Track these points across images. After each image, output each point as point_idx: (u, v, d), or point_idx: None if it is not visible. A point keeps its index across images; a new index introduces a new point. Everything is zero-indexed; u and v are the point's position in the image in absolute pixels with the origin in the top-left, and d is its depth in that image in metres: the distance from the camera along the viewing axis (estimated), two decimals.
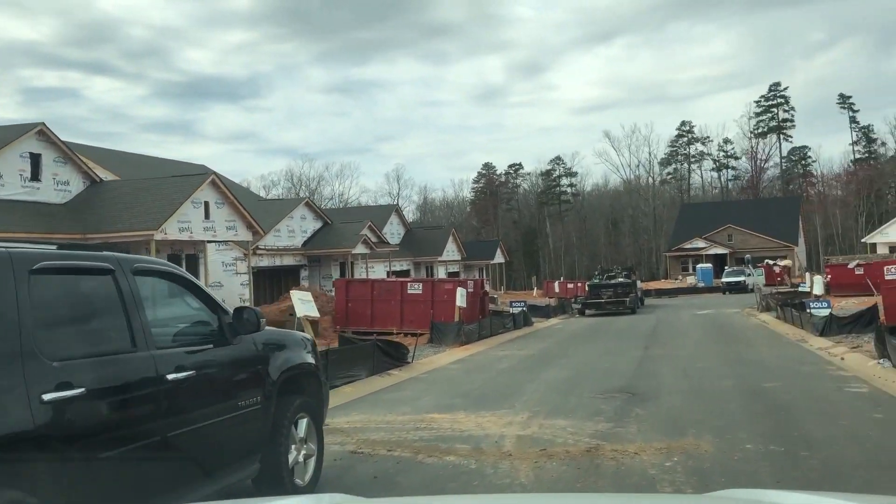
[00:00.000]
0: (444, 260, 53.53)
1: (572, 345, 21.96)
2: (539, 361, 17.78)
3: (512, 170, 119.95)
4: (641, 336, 23.87)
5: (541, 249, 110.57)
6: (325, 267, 41.77)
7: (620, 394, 12.22)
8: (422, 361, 18.45)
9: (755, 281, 58.15)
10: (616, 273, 42.26)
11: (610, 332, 26.62)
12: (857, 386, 12.45)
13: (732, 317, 32.67)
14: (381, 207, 60.23)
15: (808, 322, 22.26)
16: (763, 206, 78.95)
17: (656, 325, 28.39)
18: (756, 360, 16.40)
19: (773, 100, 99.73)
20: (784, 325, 25.32)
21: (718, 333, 24.09)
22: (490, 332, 25.02)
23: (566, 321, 35.09)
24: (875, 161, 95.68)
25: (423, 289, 26.00)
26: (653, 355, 17.84)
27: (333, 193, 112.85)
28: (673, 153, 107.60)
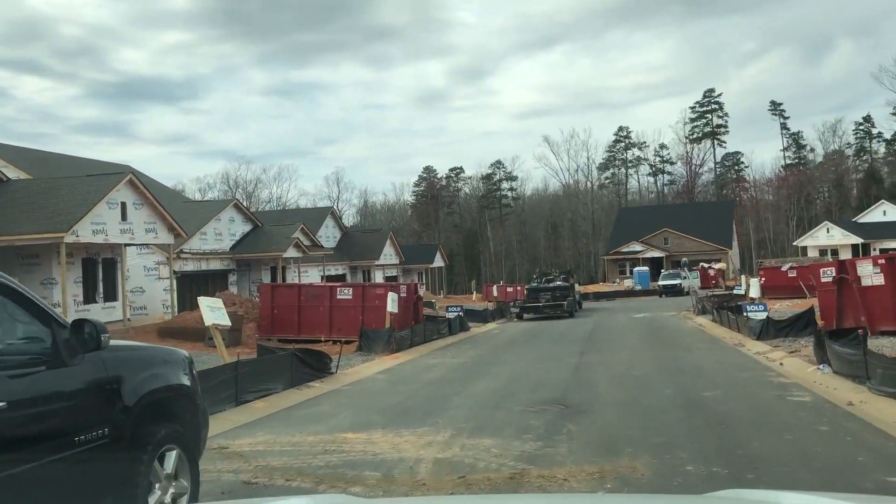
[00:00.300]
0: (382, 264, 52.27)
1: (507, 351, 21.08)
2: (470, 370, 16.80)
3: (453, 174, 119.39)
4: (578, 341, 23.15)
5: (482, 253, 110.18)
6: (255, 271, 40.10)
7: (553, 406, 11.30)
8: (347, 372, 17.28)
9: (691, 284, 58.65)
10: (554, 277, 41.73)
11: (547, 336, 25.86)
12: (798, 394, 11.81)
13: (669, 320, 32.35)
14: (315, 210, 58.65)
15: (744, 325, 21.87)
16: (698, 210, 79.96)
17: (593, 330, 27.78)
18: (694, 367, 15.74)
19: (708, 106, 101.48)
20: (720, 329, 24.96)
21: (655, 338, 23.55)
22: (424, 339, 23.97)
23: (504, 326, 34.30)
24: (805, 167, 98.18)
25: (353, 294, 24.79)
26: (589, 362, 17.04)
27: (271, 196, 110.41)
28: (611, 158, 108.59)
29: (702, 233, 71.45)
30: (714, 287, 61.35)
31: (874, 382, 11.29)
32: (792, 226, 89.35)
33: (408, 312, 24.88)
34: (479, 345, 23.76)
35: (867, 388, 11.47)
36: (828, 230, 65.44)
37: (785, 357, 16.34)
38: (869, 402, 10.83)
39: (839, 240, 63.81)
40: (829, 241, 64.58)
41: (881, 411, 10.18)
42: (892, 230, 62.80)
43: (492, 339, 26.42)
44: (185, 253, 35.02)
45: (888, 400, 10.64)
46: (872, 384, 11.33)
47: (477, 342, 24.94)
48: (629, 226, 76.32)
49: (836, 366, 13.21)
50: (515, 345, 23.23)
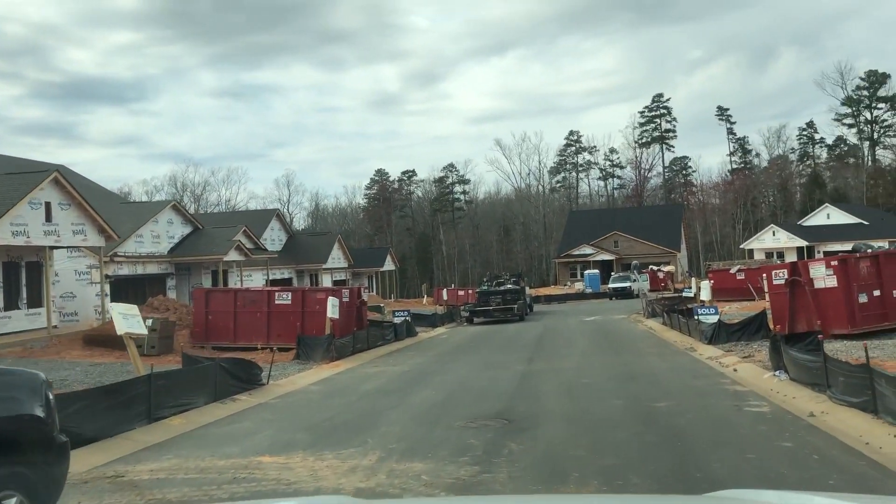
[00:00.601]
0: (330, 268, 50.82)
1: (453, 358, 20.05)
2: (412, 380, 15.72)
3: (405, 177, 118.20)
4: (527, 346, 22.27)
5: (434, 256, 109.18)
6: (195, 275, 38.37)
7: (495, 421, 10.30)
8: (280, 383, 16.04)
9: (640, 286, 58.53)
10: (505, 280, 40.90)
11: (495, 342, 24.94)
12: (756, 404, 11.02)
13: (619, 323, 31.75)
14: (260, 212, 56.88)
15: (695, 329, 21.25)
16: (647, 213, 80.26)
17: (543, 334, 26.95)
18: (646, 373, 14.92)
19: (657, 111, 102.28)
20: (671, 332, 24.36)
21: (606, 342, 22.80)
22: (367, 345, 22.81)
23: (453, 330, 33.31)
24: (750, 171, 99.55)
25: (292, 299, 23.47)
26: (536, 370, 16.12)
27: (220, 200, 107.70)
28: (562, 162, 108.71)
29: (651, 236, 71.62)
30: (663, 289, 61.40)
31: (835, 391, 10.57)
32: (738, 229, 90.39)
33: (350, 318, 23.68)
34: (425, 351, 22.70)
35: (827, 397, 10.75)
36: (773, 233, 66.11)
37: (739, 362, 15.66)
38: (831, 412, 10.09)
39: (785, 243, 64.48)
40: (775, 244, 65.22)
41: (845, 423, 9.43)
42: (835, 233, 63.65)
43: (439, 344, 25.38)
44: (120, 256, 33.21)
45: (851, 410, 9.91)
46: (833, 393, 10.60)
47: (423, 348, 23.87)
48: (580, 229, 76.16)
49: (794, 372, 12.51)
50: (462, 351, 22.23)
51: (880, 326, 17.72)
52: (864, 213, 67.93)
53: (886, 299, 17.85)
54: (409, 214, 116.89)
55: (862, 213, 67.64)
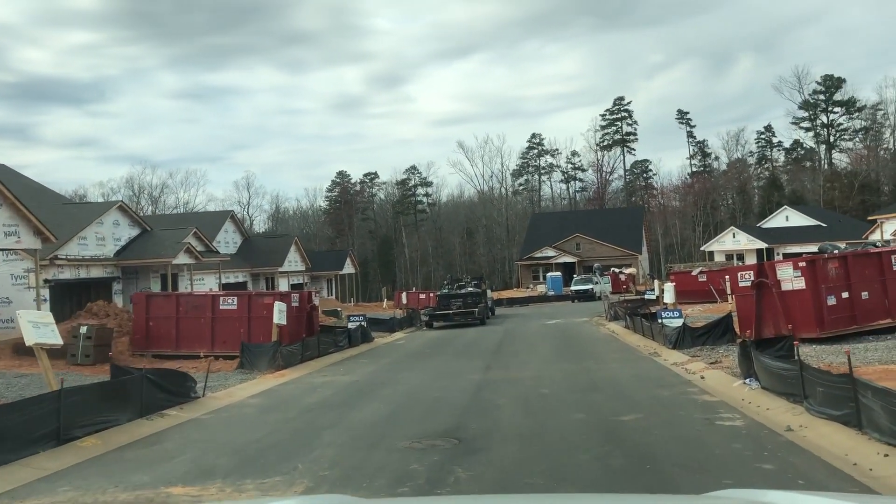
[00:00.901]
0: (287, 271, 49.28)
1: (407, 366, 18.91)
2: (360, 391, 14.55)
3: (367, 179, 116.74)
4: (485, 352, 21.23)
5: (397, 259, 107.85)
6: (142, 279, 36.66)
7: (444, 441, 9.21)
8: (216, 395, 14.76)
9: (602, 289, 58.00)
10: (466, 283, 39.86)
11: (453, 347, 23.87)
12: (729, 417, 10.10)
13: (581, 327, 30.92)
14: (214, 214, 55.07)
15: (659, 333, 20.43)
16: (609, 216, 80.00)
17: (503, 339, 25.96)
18: (609, 382, 13.97)
19: (618, 114, 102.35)
20: (634, 336, 23.55)
21: (567, 347, 21.87)
22: (318, 353, 21.55)
23: (412, 335, 32.15)
24: (710, 174, 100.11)
25: (238, 304, 22.11)
26: (493, 379, 15.06)
27: (178, 202, 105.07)
28: (524, 165, 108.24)
29: (612, 238, 71.29)
30: (625, 292, 60.99)
31: (813, 403, 9.69)
32: (698, 231, 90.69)
33: (300, 324, 22.41)
34: (379, 358, 21.52)
35: (805, 409, 9.87)
36: (734, 235, 66.16)
37: (706, 369, 14.81)
38: (810, 426, 9.20)
39: (745, 245, 64.55)
40: (735, 246, 65.28)
41: (827, 439, 8.53)
42: (794, 235, 63.90)
43: (394, 351, 24.21)
44: (61, 259, 31.44)
45: (832, 424, 9.03)
46: (811, 405, 9.72)
47: (377, 355, 22.69)
48: (542, 231, 75.56)
49: (766, 381, 11.64)
50: (417, 358, 21.11)
51: (849, 330, 17.04)
52: (822, 215, 68.40)
53: (855, 301, 17.19)
54: (371, 217, 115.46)
55: (820, 215, 68.10)
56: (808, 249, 61.26)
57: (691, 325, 19.54)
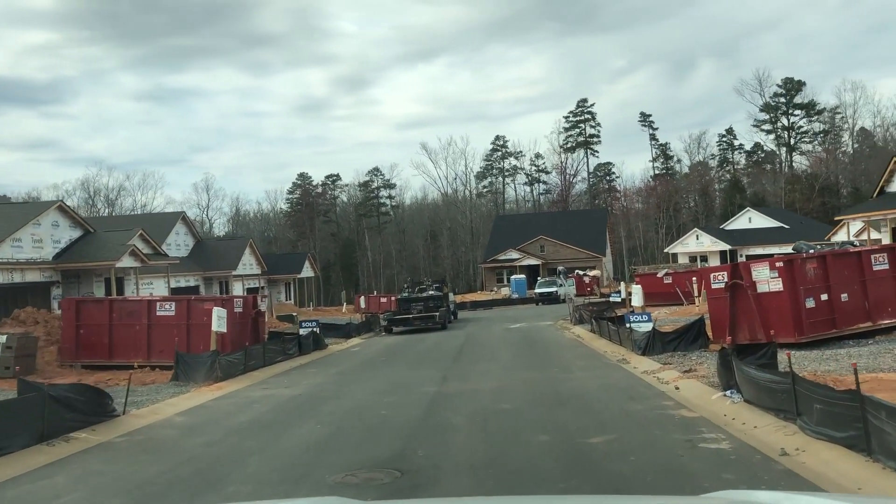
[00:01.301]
0: (241, 274, 47.31)
1: (357, 377, 17.40)
2: (299, 407, 13.02)
3: (330, 181, 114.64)
4: (444, 360, 19.81)
5: (360, 263, 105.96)
6: (85, 284, 34.56)
7: (384, 472, 7.76)
8: (139, 413, 13.10)
9: (567, 291, 56.99)
10: (427, 286, 38.42)
11: (410, 354, 22.43)
12: (712, 437, 8.80)
13: (545, 331, 29.68)
14: (164, 215, 52.83)
15: (627, 338, 19.23)
16: (573, 218, 79.12)
17: (464, 344, 24.58)
18: (576, 394, 12.64)
19: (581, 116, 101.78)
20: (600, 341, 22.34)
21: (531, 353, 20.55)
22: (263, 362, 19.92)
23: (369, 341, 30.60)
24: (672, 177, 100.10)
25: (176, 310, 20.37)
26: (450, 392, 13.64)
27: (136, 205, 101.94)
28: (488, 167, 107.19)
29: (576, 240, 70.42)
30: (589, 294, 60.08)
31: (808, 421, 8.43)
32: (661, 233, 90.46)
33: (244, 331, 20.75)
34: (329, 368, 19.96)
35: (799, 428, 8.62)
36: (697, 237, 65.71)
37: (680, 378, 13.56)
38: (808, 449, 7.94)
39: (708, 246, 64.13)
40: (699, 248, 64.82)
41: (831, 467, 7.27)
42: (757, 237, 63.66)
43: (347, 359, 22.65)
44: None
45: (834, 448, 7.77)
46: (806, 423, 8.47)
47: (328, 364, 21.11)
48: (506, 234, 74.42)
49: (749, 393, 10.40)
50: (370, 367, 19.60)
51: (829, 334, 15.99)
52: (785, 216, 68.34)
53: (835, 304, 16.13)
54: (333, 220, 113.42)
55: (782, 216, 68.03)
56: (771, 251, 61.02)
57: (661, 330, 18.32)
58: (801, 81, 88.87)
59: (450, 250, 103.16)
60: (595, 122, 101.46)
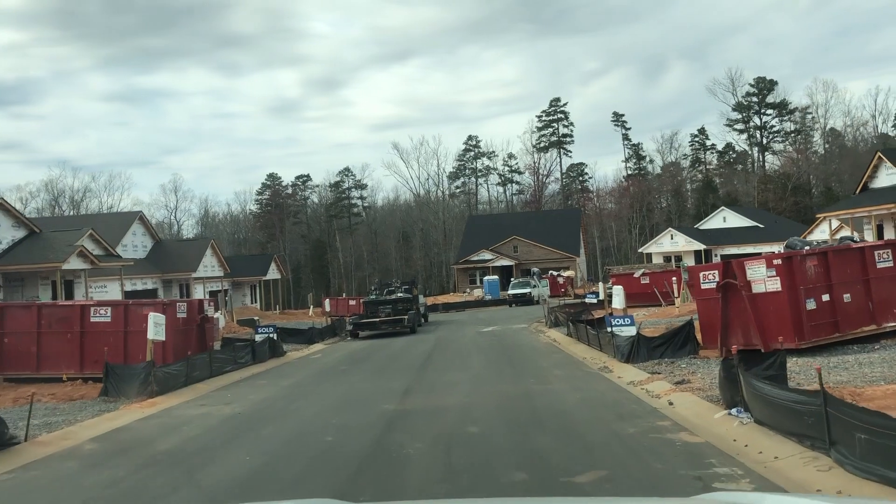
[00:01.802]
0: (202, 276, 45.00)
1: (309, 390, 15.49)
2: (234, 430, 11.12)
3: (300, 181, 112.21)
4: (409, 368, 17.98)
5: (331, 264, 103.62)
6: (29, 287, 32.20)
7: None
8: (45, 439, 11.10)
9: (541, 292, 55.40)
10: (395, 287, 36.54)
11: (374, 362, 20.57)
12: (726, 473, 7.08)
13: (519, 334, 27.98)
14: (120, 215, 50.34)
15: (608, 343, 17.55)
16: (546, 218, 77.62)
17: (433, 350, 22.76)
18: (556, 412, 10.89)
19: (554, 115, 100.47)
20: (578, 346, 20.67)
21: (504, 360, 18.79)
22: (209, 373, 17.93)
23: (332, 347, 28.65)
24: (644, 177, 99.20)
25: (112, 315, 18.28)
26: (411, 410, 11.80)
27: (101, 206, 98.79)
28: (461, 167, 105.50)
29: (550, 240, 68.96)
30: (563, 295, 58.59)
31: (848, 454, 6.75)
32: (635, 233, 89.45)
33: (188, 338, 18.75)
34: (281, 379, 18.01)
35: (835, 462, 6.94)
36: (672, 237, 64.52)
37: (672, 391, 11.87)
38: (853, 491, 6.25)
39: (683, 246, 62.96)
40: (674, 248, 63.64)
41: None
42: (732, 236, 62.68)
43: (305, 367, 20.71)
44: None
45: (889, 491, 6.10)
46: (845, 456, 6.78)
47: (281, 374, 19.15)
48: (479, 234, 72.72)
49: (762, 413, 8.72)
50: (328, 377, 17.70)
51: (831, 338, 14.42)
52: (759, 216, 67.45)
53: (837, 305, 14.57)
54: (304, 221, 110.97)
55: (757, 216, 67.12)
56: (746, 251, 60.01)
57: (645, 334, 16.65)
58: (773, 81, 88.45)
59: (422, 251, 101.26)
60: (568, 121, 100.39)
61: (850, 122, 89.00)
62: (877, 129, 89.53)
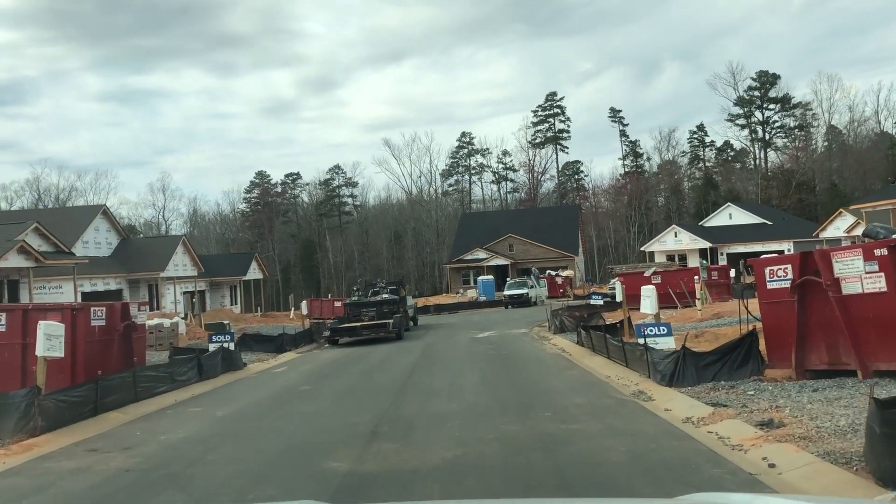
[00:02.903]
0: (173, 276, 40.82)
1: (243, 428, 11.40)
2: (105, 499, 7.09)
3: (289, 180, 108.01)
4: (384, 393, 13.94)
5: (321, 264, 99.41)
6: None
7: None
8: None
9: (538, 293, 51.48)
10: (380, 288, 32.51)
11: (343, 380, 16.56)
12: None
13: (520, 342, 24.04)
14: (80, 209, 46.15)
15: (637, 358, 13.62)
16: (543, 215, 73.55)
17: (417, 364, 18.76)
18: (596, 482, 6.93)
19: (550, 110, 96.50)
20: (595, 359, 16.75)
21: (506, 380, 14.81)
22: (134, 396, 13.90)
23: (304, 357, 24.61)
24: (642, 174, 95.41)
25: (7, 323, 14.24)
26: (370, 476, 7.72)
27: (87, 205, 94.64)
28: (454, 164, 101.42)
29: (547, 239, 65.02)
30: (562, 296, 54.70)
31: None
32: (633, 232, 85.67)
33: (107, 352, 14.69)
34: (222, 405, 13.91)
35: None
36: (675, 234, 60.61)
37: (761, 440, 7.88)
38: None
39: (687, 244, 59.13)
40: (677, 246, 59.80)
41: None
42: (739, 234, 58.88)
43: (259, 387, 16.64)
44: None
45: None
46: None
47: (225, 398, 15.05)
48: (473, 232, 68.71)
49: None
50: (280, 404, 13.64)
51: None
52: (767, 213, 63.64)
53: None
54: (293, 220, 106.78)
55: (764, 212, 63.28)
56: (755, 249, 56.15)
57: (695, 351, 12.65)
58: (775, 75, 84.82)
59: (414, 251, 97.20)
60: (564, 116, 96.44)
61: (853, 119, 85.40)
62: (880, 125, 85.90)
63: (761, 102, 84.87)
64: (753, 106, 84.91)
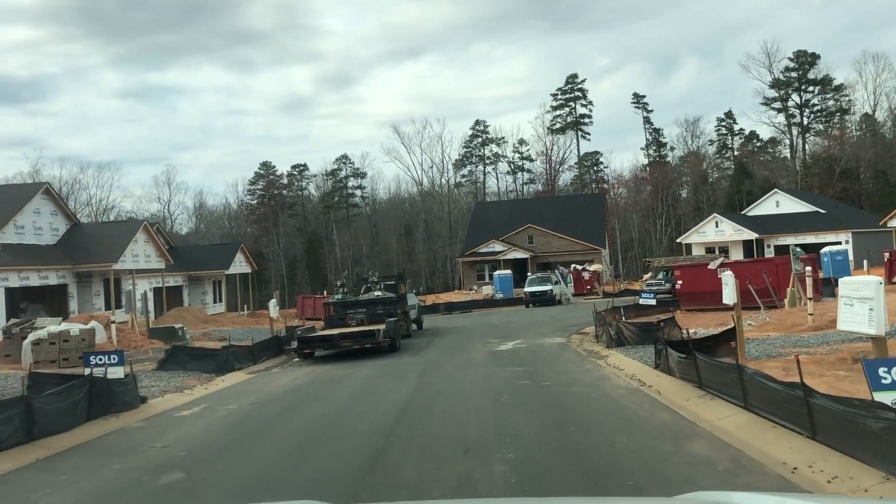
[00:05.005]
0: (131, 269, 33.29)
1: None
2: None
3: (296, 171, 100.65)
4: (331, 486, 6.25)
5: (327, 259, 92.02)
6: None
7: None
8: None
9: (563, 290, 43.87)
10: (372, 285, 24.87)
11: (265, 448, 8.95)
12: None
13: (562, 360, 16.40)
14: (16, 187, 38.85)
15: (845, 428, 5.97)
16: (566, 204, 65.48)
17: (403, 412, 11.06)
18: None
19: (571, 93, 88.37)
20: (718, 408, 9.19)
21: (565, 465, 7.12)
22: None
23: (251, 382, 17.06)
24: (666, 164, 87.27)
25: None
26: None
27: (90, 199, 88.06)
28: (468, 154, 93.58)
29: (571, 230, 57.16)
30: (589, 293, 47.03)
31: None
32: (660, 224, 77.62)
33: None
34: None
35: None
36: (717, 224, 52.53)
37: None
38: None
39: (730, 235, 51.14)
40: (719, 237, 51.83)
41: None
42: (788, 223, 50.81)
43: (100, 466, 8.98)
44: None
45: None
46: None
47: (47, 487, 7.51)
48: (488, 222, 60.92)
49: None
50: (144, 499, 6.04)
51: None
52: (818, 201, 55.42)
53: None
54: (299, 213, 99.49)
55: (815, 200, 55.05)
56: (807, 240, 48.07)
57: None
58: (815, 54, 76.21)
59: (425, 245, 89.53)
60: (586, 100, 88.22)
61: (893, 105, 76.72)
62: None
63: (800, 84, 76.41)
64: (791, 88, 76.44)
